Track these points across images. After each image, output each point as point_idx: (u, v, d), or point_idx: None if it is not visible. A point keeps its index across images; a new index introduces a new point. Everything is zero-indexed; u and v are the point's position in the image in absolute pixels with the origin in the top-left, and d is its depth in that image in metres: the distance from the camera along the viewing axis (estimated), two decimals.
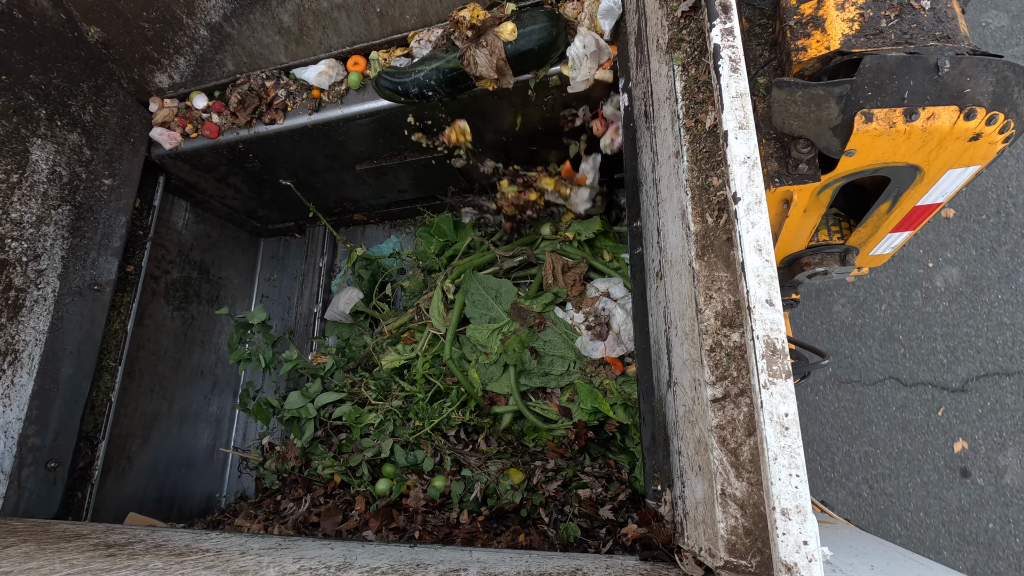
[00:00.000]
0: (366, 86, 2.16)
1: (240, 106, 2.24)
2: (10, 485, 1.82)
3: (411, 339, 2.46)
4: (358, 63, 2.15)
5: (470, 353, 2.27)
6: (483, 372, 2.23)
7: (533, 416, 2.18)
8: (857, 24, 1.22)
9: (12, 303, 1.85)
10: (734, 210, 0.90)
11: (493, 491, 2.16)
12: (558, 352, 2.16)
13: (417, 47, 2.02)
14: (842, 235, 1.68)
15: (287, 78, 2.26)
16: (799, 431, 0.77)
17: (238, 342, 2.78)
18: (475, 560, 1.23)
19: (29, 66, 1.94)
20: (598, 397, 2.08)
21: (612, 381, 2.08)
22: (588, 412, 2.08)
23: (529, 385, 2.19)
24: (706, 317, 1.00)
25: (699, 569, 1.02)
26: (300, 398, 2.52)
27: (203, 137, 2.32)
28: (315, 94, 2.20)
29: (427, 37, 2.02)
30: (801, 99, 1.18)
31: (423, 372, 2.34)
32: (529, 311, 2.21)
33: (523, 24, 1.83)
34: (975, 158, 1.23)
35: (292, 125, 2.24)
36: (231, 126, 2.31)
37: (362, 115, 2.17)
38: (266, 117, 2.25)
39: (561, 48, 1.89)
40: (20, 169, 1.89)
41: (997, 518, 3.05)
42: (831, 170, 1.28)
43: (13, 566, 1.13)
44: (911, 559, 1.26)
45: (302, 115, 2.22)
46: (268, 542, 1.41)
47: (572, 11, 1.89)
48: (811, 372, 2.98)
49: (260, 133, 2.28)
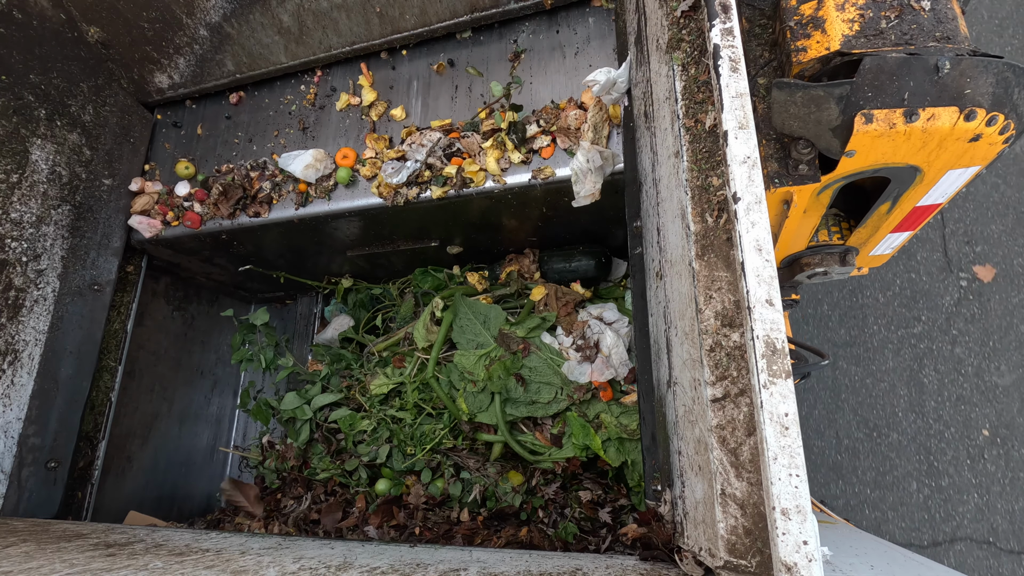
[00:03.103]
0: (356, 181, 2.05)
1: (222, 197, 2.13)
2: (10, 485, 1.82)
3: (400, 363, 2.38)
4: (347, 156, 2.04)
5: (458, 381, 2.17)
6: (471, 401, 2.13)
7: (520, 448, 2.09)
8: (857, 25, 1.22)
9: (12, 303, 1.85)
10: (734, 210, 0.90)
11: (492, 494, 2.16)
12: (544, 379, 2.06)
13: (410, 150, 1.92)
14: (842, 235, 1.68)
15: (273, 167, 2.16)
16: (799, 431, 0.77)
17: (241, 343, 2.75)
18: (475, 560, 1.23)
19: (29, 66, 1.94)
20: (590, 433, 1.95)
21: (608, 414, 1.96)
22: (579, 448, 1.98)
23: (516, 415, 2.08)
24: (706, 317, 1.00)
25: (699, 569, 1.02)
26: (296, 399, 2.50)
27: (184, 227, 2.21)
28: (302, 188, 2.08)
29: (419, 141, 1.92)
30: (801, 100, 1.18)
31: (413, 400, 2.26)
32: (512, 336, 2.12)
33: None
34: (975, 159, 1.23)
35: (278, 218, 2.12)
36: (214, 216, 2.18)
37: (351, 212, 2.06)
38: (250, 210, 2.12)
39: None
40: (20, 169, 1.89)
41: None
42: (831, 171, 1.28)
43: (13, 566, 1.13)
44: (911, 559, 1.26)
45: (288, 208, 2.11)
46: (268, 542, 1.41)
47: (575, 120, 1.80)
48: (811, 372, 2.99)
49: (244, 225, 2.15)
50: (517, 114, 1.88)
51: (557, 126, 1.84)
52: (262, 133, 2.25)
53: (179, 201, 2.23)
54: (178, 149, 2.35)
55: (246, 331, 2.85)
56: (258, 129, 2.27)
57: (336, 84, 2.20)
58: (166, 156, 2.35)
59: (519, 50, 1.98)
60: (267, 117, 2.27)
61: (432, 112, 2.06)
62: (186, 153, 2.33)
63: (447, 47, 2.09)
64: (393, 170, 1.91)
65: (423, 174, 1.93)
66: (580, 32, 1.94)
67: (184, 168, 2.25)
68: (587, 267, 2.25)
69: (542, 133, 1.86)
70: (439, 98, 2.06)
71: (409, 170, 1.90)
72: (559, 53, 1.95)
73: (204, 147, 2.32)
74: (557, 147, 1.85)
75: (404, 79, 2.12)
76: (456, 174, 1.89)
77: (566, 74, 1.92)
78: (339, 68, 2.22)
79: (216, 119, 2.34)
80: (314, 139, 2.17)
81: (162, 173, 2.32)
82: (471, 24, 2.01)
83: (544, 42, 1.97)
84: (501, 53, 2.02)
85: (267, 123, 2.26)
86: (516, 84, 1.94)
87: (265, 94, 2.29)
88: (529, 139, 1.85)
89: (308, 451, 2.50)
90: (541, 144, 1.85)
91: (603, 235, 2.25)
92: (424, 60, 2.11)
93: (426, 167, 1.93)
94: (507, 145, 1.86)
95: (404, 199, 1.94)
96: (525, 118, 1.89)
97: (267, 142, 2.24)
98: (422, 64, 2.11)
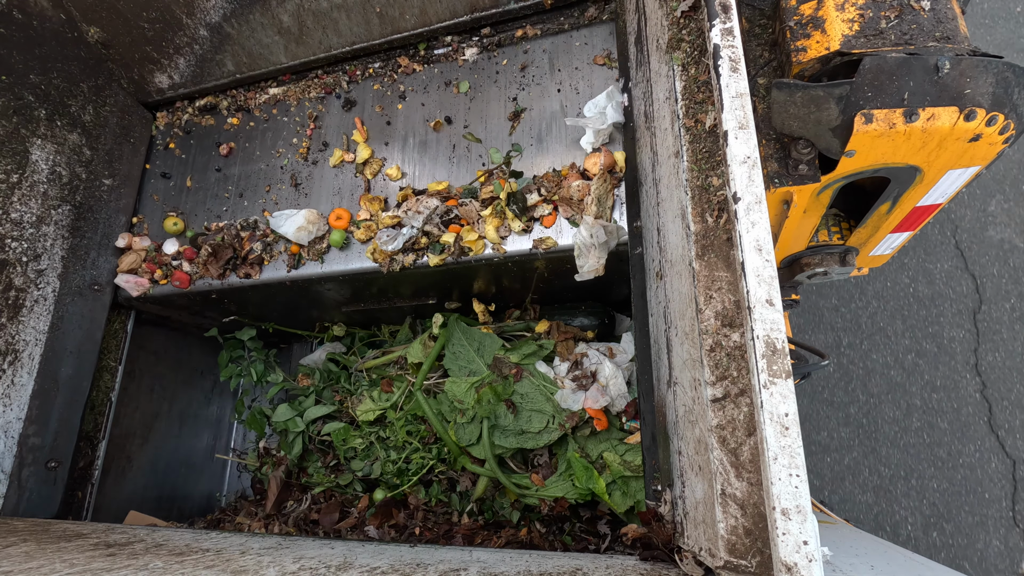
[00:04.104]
0: (350, 243, 1.97)
1: (212, 258, 2.05)
2: (10, 485, 1.82)
3: (388, 387, 2.28)
4: (341, 218, 1.96)
5: (449, 413, 2.06)
6: (461, 433, 2.01)
7: (507, 480, 1.96)
8: (857, 25, 1.22)
9: (12, 303, 1.85)
10: (734, 210, 0.90)
11: (489, 507, 2.12)
12: (535, 406, 1.93)
13: (406, 217, 1.85)
14: (842, 236, 1.68)
15: (264, 226, 2.08)
16: (799, 431, 0.77)
17: (228, 361, 2.70)
18: (475, 560, 1.23)
19: (29, 66, 1.94)
20: (593, 476, 1.79)
21: (613, 452, 1.81)
22: (583, 492, 1.82)
23: (505, 446, 1.94)
24: (706, 317, 1.00)
25: (699, 569, 1.02)
26: (289, 411, 2.43)
27: (172, 286, 2.13)
28: (294, 249, 2.00)
29: (416, 207, 1.84)
30: (801, 100, 1.18)
31: (402, 438, 2.18)
32: (505, 361, 2.02)
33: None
34: (975, 159, 1.23)
35: (269, 279, 2.04)
36: (203, 276, 2.10)
37: (345, 276, 1.98)
38: (240, 271, 2.05)
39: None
40: (20, 169, 1.89)
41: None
42: (831, 171, 1.28)
43: (13, 565, 1.13)
44: (911, 559, 1.26)
45: (280, 270, 2.03)
46: (268, 542, 1.41)
47: (578, 192, 1.72)
48: (811, 373, 2.99)
49: (234, 285, 2.07)
50: (517, 182, 1.80)
51: (559, 195, 1.76)
52: (253, 188, 2.17)
53: (167, 259, 2.15)
54: (167, 201, 2.26)
55: (233, 347, 2.74)
56: (249, 184, 2.19)
57: (329, 138, 2.13)
58: (155, 208, 2.27)
59: (519, 109, 1.91)
60: (258, 171, 2.19)
61: (429, 172, 1.97)
62: (176, 205, 2.25)
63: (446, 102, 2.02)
64: (388, 237, 1.84)
65: (420, 240, 1.86)
66: (583, 92, 1.87)
67: (173, 224, 2.17)
68: (590, 326, 2.20)
69: (543, 201, 1.78)
70: (436, 157, 1.98)
71: (405, 237, 1.84)
72: (560, 114, 1.87)
73: (193, 200, 2.24)
74: (559, 215, 1.78)
75: (400, 135, 2.04)
76: (454, 242, 1.82)
77: (566, 143, 1.85)
78: (333, 118, 2.15)
79: (206, 170, 2.26)
80: (307, 196, 2.09)
81: (150, 226, 2.25)
82: (471, 24, 2.01)
83: (545, 104, 1.90)
84: (500, 110, 1.94)
85: (258, 177, 2.18)
86: (516, 152, 1.87)
87: (256, 146, 2.22)
88: (530, 207, 1.78)
89: (304, 459, 2.48)
90: (542, 212, 1.78)
91: (606, 292, 2.19)
92: (419, 115, 2.03)
93: (423, 234, 1.87)
94: (507, 214, 1.79)
95: (400, 266, 1.87)
96: (526, 186, 1.80)
97: (258, 197, 2.16)
98: (418, 119, 2.03)
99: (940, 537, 3.12)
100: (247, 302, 2.32)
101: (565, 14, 1.98)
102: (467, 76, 2.02)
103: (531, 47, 1.98)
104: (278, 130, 2.22)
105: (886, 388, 3.43)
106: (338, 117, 2.15)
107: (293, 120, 2.21)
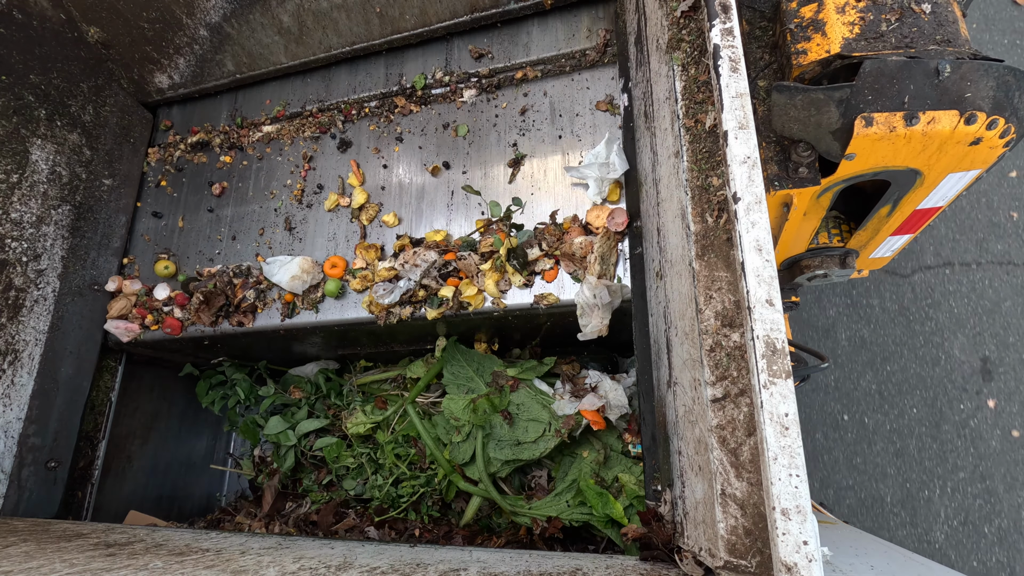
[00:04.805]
0: (345, 292, 1.92)
1: (204, 305, 2.00)
2: (10, 485, 1.82)
3: (383, 405, 2.22)
4: (336, 266, 1.91)
5: (445, 435, 2.00)
6: (455, 452, 1.95)
7: (499, 497, 1.89)
8: (857, 28, 1.22)
9: (12, 303, 1.85)
10: (734, 210, 0.91)
11: (486, 524, 2.09)
12: (532, 415, 1.87)
13: (403, 270, 1.80)
14: (842, 238, 1.68)
15: (258, 272, 2.03)
16: (799, 431, 0.77)
17: (208, 389, 2.56)
18: (475, 560, 1.23)
19: (29, 66, 1.94)
20: (609, 501, 1.67)
21: (628, 473, 1.72)
22: (602, 521, 1.71)
23: (500, 458, 1.87)
24: (706, 317, 1.00)
25: (699, 569, 1.02)
26: (280, 423, 2.38)
27: (164, 332, 2.08)
28: (288, 298, 1.96)
29: (413, 261, 1.80)
30: (801, 103, 1.18)
31: (391, 459, 2.13)
32: (503, 374, 1.99)
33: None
34: (975, 162, 1.24)
35: (263, 327, 1.99)
36: (195, 323, 2.05)
37: (341, 325, 1.93)
38: (233, 319, 2.00)
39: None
40: (20, 169, 1.89)
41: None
42: (831, 174, 1.29)
43: (13, 565, 1.13)
44: (911, 559, 1.26)
45: (274, 318, 1.98)
46: (268, 542, 1.41)
47: (580, 249, 1.67)
48: (810, 375, 2.99)
49: (227, 332, 2.03)
50: (517, 235, 1.77)
51: (561, 250, 1.71)
52: (246, 231, 2.13)
53: (158, 304, 2.10)
54: (158, 242, 2.23)
55: (211, 375, 2.60)
56: (242, 226, 2.14)
57: (324, 181, 2.09)
58: (146, 248, 2.23)
59: (519, 155, 1.87)
60: (251, 212, 2.15)
61: (427, 219, 1.93)
62: (167, 246, 2.21)
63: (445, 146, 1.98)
64: (385, 291, 1.80)
65: (417, 293, 1.82)
66: (585, 139, 1.83)
67: (164, 268, 2.13)
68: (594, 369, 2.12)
69: (545, 256, 1.74)
70: (434, 203, 1.93)
71: (402, 289, 1.80)
72: (561, 162, 1.84)
73: (185, 241, 2.20)
74: (561, 269, 1.73)
75: (397, 179, 2.00)
76: (453, 296, 1.78)
77: (568, 192, 1.81)
78: (328, 159, 2.11)
79: (198, 210, 2.22)
80: (301, 241, 2.05)
81: (141, 268, 2.21)
82: (471, 24, 2.01)
83: (546, 150, 1.86)
84: (500, 156, 1.90)
85: (251, 219, 2.14)
86: (517, 206, 1.83)
87: (250, 186, 2.18)
88: (531, 262, 1.74)
89: (298, 471, 2.44)
90: (544, 267, 1.73)
91: (610, 338, 2.15)
92: (417, 158, 1.99)
93: (420, 286, 1.82)
94: (507, 268, 1.74)
95: (397, 318, 1.82)
96: (527, 240, 1.75)
97: (251, 241, 2.11)
98: (415, 162, 1.99)
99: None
100: (240, 347, 2.29)
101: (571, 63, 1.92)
102: (466, 119, 1.98)
103: (531, 89, 1.94)
104: (272, 170, 2.18)
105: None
106: (333, 158, 2.11)
107: (287, 160, 2.17)
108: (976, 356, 3.38)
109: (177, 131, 2.38)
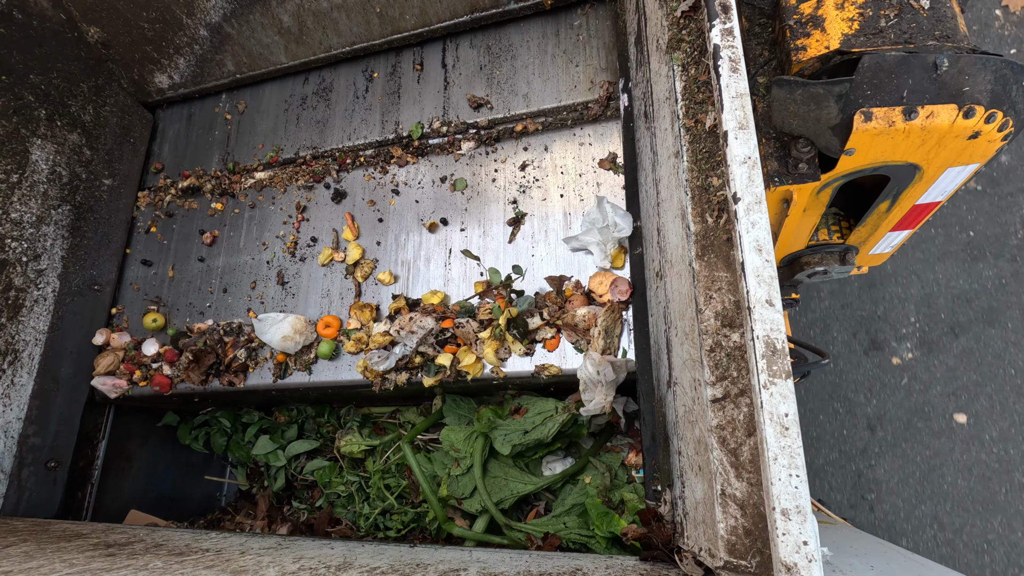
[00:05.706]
0: (339, 354, 1.86)
1: (194, 364, 1.94)
2: (10, 485, 1.82)
3: (381, 432, 2.16)
4: (330, 326, 1.86)
5: (441, 469, 1.90)
6: (453, 485, 1.85)
7: (500, 515, 1.80)
8: (856, 23, 1.22)
9: (12, 303, 1.85)
10: (734, 210, 0.90)
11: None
12: (538, 408, 1.79)
13: (399, 336, 1.74)
14: (842, 234, 1.68)
15: (249, 330, 1.97)
16: (799, 431, 0.77)
17: (190, 430, 2.46)
18: (475, 560, 1.23)
19: (29, 66, 1.94)
20: (613, 519, 1.60)
21: (634, 493, 1.66)
22: (603, 543, 1.64)
23: (505, 452, 1.76)
24: (706, 317, 1.00)
25: (699, 569, 1.02)
26: (269, 443, 2.31)
27: (153, 390, 2.02)
28: (280, 358, 1.90)
29: (409, 327, 1.73)
30: (801, 98, 1.18)
31: (378, 487, 2.04)
32: (506, 397, 1.92)
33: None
34: (974, 156, 1.23)
35: (254, 387, 1.94)
36: (184, 381, 1.98)
37: (335, 387, 1.88)
38: (224, 379, 1.94)
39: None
40: (20, 169, 1.89)
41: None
42: (831, 169, 1.28)
43: (13, 565, 1.13)
44: (911, 559, 1.26)
45: (265, 378, 1.92)
46: (268, 542, 1.41)
47: (583, 321, 1.60)
48: (811, 371, 2.99)
49: (217, 390, 1.97)
50: (517, 302, 1.73)
51: (563, 320, 1.65)
52: (237, 283, 2.08)
53: (147, 360, 2.04)
54: (148, 291, 2.18)
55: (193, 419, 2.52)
56: (233, 278, 2.09)
57: (318, 233, 2.04)
58: (135, 297, 2.18)
59: (519, 214, 1.82)
60: (243, 263, 2.10)
61: (424, 278, 1.87)
62: (157, 296, 2.16)
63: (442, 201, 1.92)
64: (380, 358, 1.74)
65: (414, 359, 1.76)
66: (588, 199, 1.78)
67: (152, 321, 2.08)
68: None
69: (546, 325, 1.68)
70: (431, 261, 1.88)
71: (398, 356, 1.74)
72: (563, 222, 1.78)
73: (175, 292, 2.15)
74: (562, 339, 1.67)
75: (393, 235, 1.94)
76: (451, 365, 1.72)
77: (570, 253, 1.76)
78: (322, 210, 2.06)
79: (188, 259, 2.17)
80: (294, 297, 1.99)
81: (130, 319, 2.16)
82: (471, 24, 2.00)
83: (547, 210, 1.81)
84: (499, 214, 1.85)
85: (243, 271, 2.08)
86: (517, 274, 1.78)
87: (241, 235, 2.13)
88: (532, 331, 1.68)
89: (289, 489, 2.39)
90: (545, 336, 1.68)
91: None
92: (413, 213, 1.94)
93: (417, 353, 1.76)
94: (507, 337, 1.68)
95: (393, 385, 1.77)
96: (527, 309, 1.70)
97: (243, 294, 2.06)
98: (412, 217, 1.94)
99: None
100: (230, 401, 2.26)
101: (572, 116, 1.89)
102: (464, 172, 1.93)
103: (531, 143, 1.89)
104: (264, 219, 2.12)
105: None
106: (327, 209, 2.06)
107: (280, 209, 2.11)
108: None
109: (168, 174, 2.32)
